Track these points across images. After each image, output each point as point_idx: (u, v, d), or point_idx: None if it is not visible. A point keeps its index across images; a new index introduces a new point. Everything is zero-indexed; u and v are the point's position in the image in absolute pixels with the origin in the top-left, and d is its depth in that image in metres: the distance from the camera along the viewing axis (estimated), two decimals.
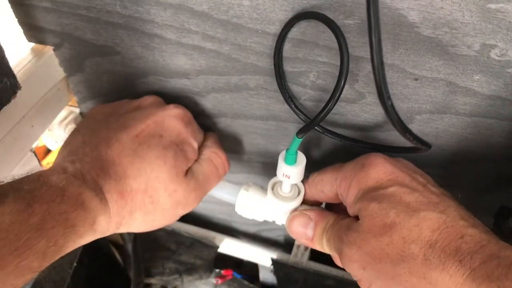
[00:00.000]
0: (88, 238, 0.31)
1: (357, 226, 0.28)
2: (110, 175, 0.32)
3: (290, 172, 0.33)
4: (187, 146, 0.36)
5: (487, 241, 0.24)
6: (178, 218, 0.37)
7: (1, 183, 0.28)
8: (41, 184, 0.28)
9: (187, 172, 0.36)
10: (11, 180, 0.28)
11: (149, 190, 0.33)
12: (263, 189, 0.38)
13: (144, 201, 0.33)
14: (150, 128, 0.35)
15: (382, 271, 0.26)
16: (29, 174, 0.29)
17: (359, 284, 0.28)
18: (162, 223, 0.36)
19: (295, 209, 0.35)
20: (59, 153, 0.35)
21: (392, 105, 0.26)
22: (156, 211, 0.34)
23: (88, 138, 0.34)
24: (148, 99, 0.38)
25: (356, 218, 0.29)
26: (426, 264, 0.24)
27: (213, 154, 0.38)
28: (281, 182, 0.35)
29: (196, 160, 0.37)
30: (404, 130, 0.28)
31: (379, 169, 0.30)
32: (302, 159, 0.34)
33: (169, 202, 0.34)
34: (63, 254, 0.28)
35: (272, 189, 0.36)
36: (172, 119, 0.36)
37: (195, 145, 0.37)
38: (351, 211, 0.30)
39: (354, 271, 0.28)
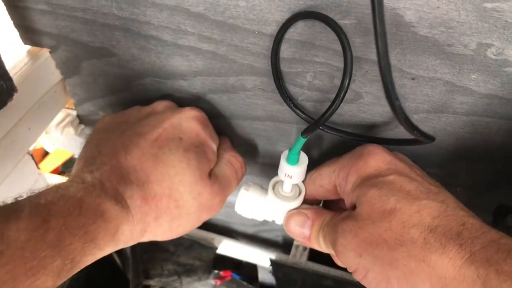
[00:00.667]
0: (108, 250, 0.29)
1: (355, 214, 0.28)
2: (132, 181, 0.31)
3: (292, 172, 0.33)
4: (207, 148, 0.35)
5: (488, 229, 0.24)
6: (201, 223, 0.35)
7: (19, 198, 0.26)
8: (58, 197, 0.27)
9: (210, 175, 0.35)
10: (30, 195, 0.27)
11: (173, 195, 0.32)
12: (263, 188, 0.38)
13: (169, 206, 0.32)
14: (168, 131, 0.34)
15: (379, 257, 0.26)
16: (48, 187, 0.28)
17: (355, 275, 0.27)
18: (186, 229, 0.35)
19: (295, 209, 0.35)
20: (76, 165, 0.34)
21: (400, 105, 0.26)
22: (182, 216, 0.33)
23: (103, 147, 0.33)
24: (161, 104, 0.38)
25: (353, 208, 0.29)
26: (426, 247, 0.24)
27: (232, 158, 0.38)
28: (282, 181, 0.35)
29: (216, 163, 0.36)
30: (412, 127, 0.28)
31: (378, 158, 0.30)
32: (304, 159, 0.34)
33: (194, 205, 0.33)
34: (79, 269, 0.27)
35: (273, 188, 0.36)
36: (189, 121, 0.35)
37: (214, 147, 0.36)
38: (349, 199, 0.30)
39: (350, 261, 0.27)
